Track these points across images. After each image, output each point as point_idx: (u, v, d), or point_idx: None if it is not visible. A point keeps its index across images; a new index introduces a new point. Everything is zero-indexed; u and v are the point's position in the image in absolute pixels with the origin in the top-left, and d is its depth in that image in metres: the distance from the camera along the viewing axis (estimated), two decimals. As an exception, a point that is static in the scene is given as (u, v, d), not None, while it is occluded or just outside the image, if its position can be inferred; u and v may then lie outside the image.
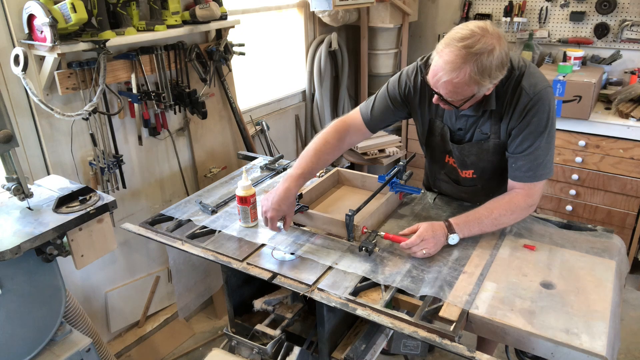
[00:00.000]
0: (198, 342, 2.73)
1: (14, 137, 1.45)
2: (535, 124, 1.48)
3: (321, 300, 1.37)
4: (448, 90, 1.41)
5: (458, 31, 1.36)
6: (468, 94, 1.41)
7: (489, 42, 1.33)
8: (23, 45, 1.88)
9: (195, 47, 2.42)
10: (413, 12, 3.65)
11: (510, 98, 1.50)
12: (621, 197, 2.93)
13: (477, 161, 1.66)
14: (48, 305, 1.61)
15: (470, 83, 1.36)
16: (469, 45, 1.32)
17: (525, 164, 1.53)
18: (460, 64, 1.33)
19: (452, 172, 1.79)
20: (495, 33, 1.35)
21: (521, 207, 1.56)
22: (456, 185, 1.81)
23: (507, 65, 1.41)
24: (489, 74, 1.35)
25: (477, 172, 1.70)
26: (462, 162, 1.69)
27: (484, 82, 1.37)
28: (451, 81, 1.37)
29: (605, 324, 1.23)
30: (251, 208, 1.70)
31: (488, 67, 1.34)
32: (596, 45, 3.27)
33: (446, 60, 1.35)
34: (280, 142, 3.39)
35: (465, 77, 1.34)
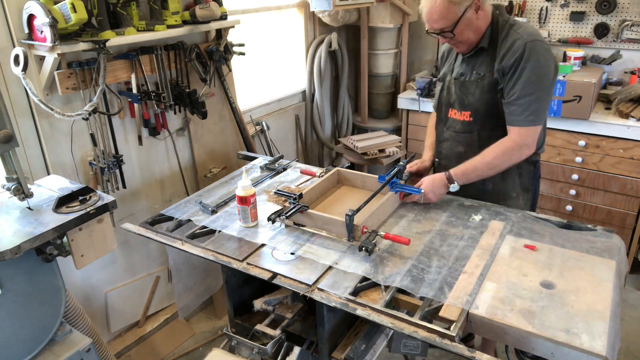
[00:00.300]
0: (198, 342, 2.73)
1: (14, 137, 1.45)
2: (529, 72, 1.67)
3: (321, 300, 1.37)
4: (436, 20, 1.71)
5: None
6: (452, 15, 1.70)
7: None
8: (23, 45, 1.88)
9: (195, 47, 2.42)
10: (413, 12, 3.65)
11: (503, 38, 1.74)
12: (621, 197, 2.93)
13: (473, 101, 1.84)
14: (48, 305, 1.61)
15: (448, 4, 1.67)
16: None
17: (517, 109, 1.71)
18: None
19: (452, 125, 1.95)
20: None
21: (512, 148, 1.74)
22: (456, 136, 1.94)
23: None
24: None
25: (473, 113, 1.86)
26: (461, 102, 1.88)
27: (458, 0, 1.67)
28: (433, 9, 1.70)
29: (605, 324, 1.23)
30: (251, 208, 1.70)
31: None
32: (596, 45, 3.27)
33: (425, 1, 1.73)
34: (280, 142, 3.39)
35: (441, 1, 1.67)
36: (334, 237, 1.64)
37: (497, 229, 1.67)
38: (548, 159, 3.09)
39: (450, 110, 1.94)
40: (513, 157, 1.76)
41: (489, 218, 1.74)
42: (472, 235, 1.64)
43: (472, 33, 1.76)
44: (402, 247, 1.56)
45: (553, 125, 2.99)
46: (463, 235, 1.64)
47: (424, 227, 1.70)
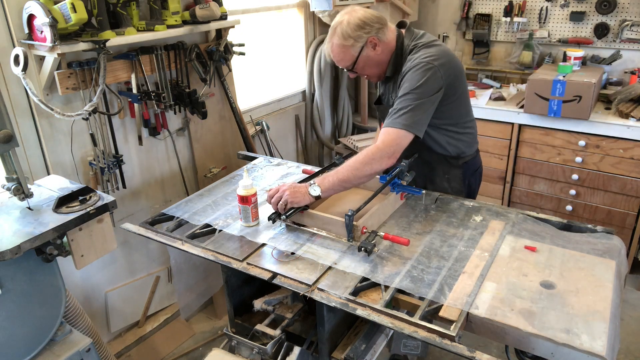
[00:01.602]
0: (198, 342, 2.73)
1: (14, 137, 1.45)
2: (410, 81, 1.73)
3: (321, 300, 1.37)
4: (337, 61, 1.84)
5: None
6: (349, 57, 1.81)
7: (339, 18, 1.79)
8: (23, 45, 1.88)
9: (195, 47, 2.42)
10: (413, 12, 3.65)
11: (404, 65, 1.81)
12: (621, 197, 2.93)
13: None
14: (48, 305, 1.61)
15: (341, 47, 1.79)
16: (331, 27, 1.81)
17: (391, 112, 1.75)
18: (329, 40, 1.82)
19: None
20: (348, 10, 1.80)
21: (373, 153, 1.69)
22: None
23: (370, 25, 1.77)
24: (348, 35, 1.76)
25: None
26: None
27: (348, 42, 1.77)
28: (333, 53, 1.83)
29: (605, 324, 1.23)
30: (252, 207, 1.70)
31: (345, 31, 1.76)
32: (596, 45, 3.27)
33: (326, 42, 1.85)
34: (280, 142, 3.39)
35: (334, 45, 1.80)
36: (334, 237, 1.64)
37: (497, 230, 1.67)
38: (548, 159, 3.09)
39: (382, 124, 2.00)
40: (374, 164, 1.68)
41: (489, 218, 1.74)
42: (472, 236, 1.64)
43: (375, 68, 1.86)
44: (402, 248, 1.56)
45: (553, 125, 2.99)
46: (463, 236, 1.64)
47: (424, 227, 1.70)
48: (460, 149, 1.95)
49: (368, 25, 1.76)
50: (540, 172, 3.16)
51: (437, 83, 1.71)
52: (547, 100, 2.90)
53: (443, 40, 3.85)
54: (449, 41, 3.87)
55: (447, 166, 1.97)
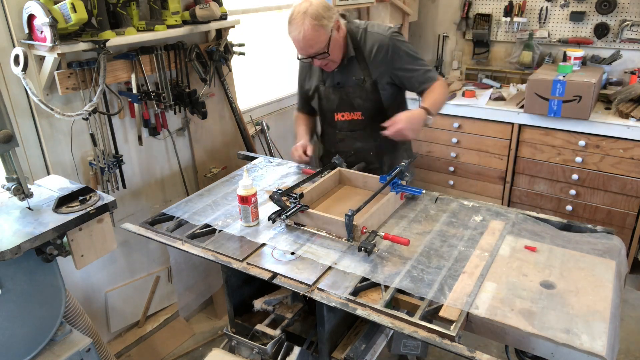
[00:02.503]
0: (198, 342, 2.73)
1: (14, 137, 1.45)
2: (406, 53, 2.00)
3: (321, 300, 1.37)
4: (311, 45, 1.86)
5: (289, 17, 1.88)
6: (323, 38, 1.86)
7: (302, 5, 1.85)
8: (23, 45, 1.88)
9: (195, 47, 2.42)
10: (413, 12, 3.65)
11: (364, 43, 1.99)
12: (621, 197, 2.93)
13: (362, 102, 2.06)
14: (48, 305, 1.61)
15: (316, 28, 1.82)
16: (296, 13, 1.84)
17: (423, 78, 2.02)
18: (300, 24, 1.82)
19: (344, 126, 2.15)
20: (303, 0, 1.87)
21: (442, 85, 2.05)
22: (351, 134, 2.16)
23: (332, 7, 1.89)
24: (321, 15, 1.82)
25: (364, 112, 2.08)
26: (350, 104, 2.08)
27: (323, 22, 1.83)
28: (305, 37, 1.83)
29: (605, 324, 1.23)
30: (252, 207, 1.70)
31: (316, 11, 1.82)
32: (596, 45, 3.27)
33: (293, 31, 1.86)
34: (280, 142, 3.39)
35: (309, 27, 1.81)
36: (333, 237, 1.64)
37: (497, 230, 1.67)
38: (548, 159, 3.09)
39: (337, 114, 2.13)
40: (446, 91, 2.07)
41: (489, 218, 1.74)
42: (472, 236, 1.64)
43: (339, 50, 1.96)
44: (402, 248, 1.56)
45: (553, 125, 2.99)
46: (463, 236, 1.64)
47: (424, 227, 1.70)
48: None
49: (332, 8, 1.90)
50: (540, 172, 3.16)
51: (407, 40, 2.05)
52: (547, 100, 2.90)
53: (443, 40, 3.85)
54: (449, 41, 3.87)
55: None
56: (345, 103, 2.09)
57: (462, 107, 3.24)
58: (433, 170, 3.62)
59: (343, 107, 2.10)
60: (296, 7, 1.87)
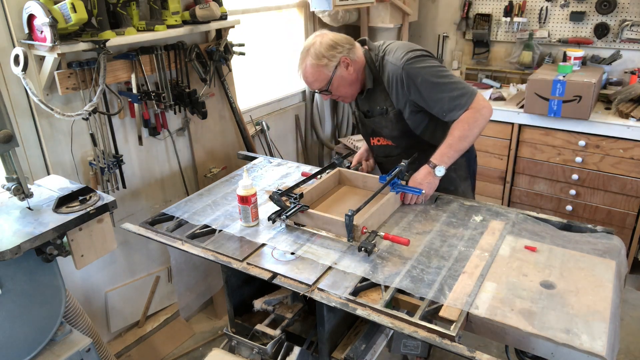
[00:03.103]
0: (198, 342, 2.73)
1: (14, 137, 1.45)
2: (425, 81, 1.79)
3: (321, 300, 1.37)
4: (311, 82, 1.87)
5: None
6: (324, 77, 1.85)
7: (310, 40, 1.85)
8: (23, 45, 1.88)
9: (195, 47, 2.42)
10: (413, 12, 3.65)
11: (382, 73, 1.90)
12: (621, 197, 2.93)
13: (389, 132, 2.01)
14: (48, 305, 1.61)
15: (317, 67, 1.82)
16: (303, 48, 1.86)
17: (449, 107, 1.80)
18: (302, 62, 1.85)
19: (380, 150, 2.12)
20: (319, 34, 1.86)
21: (474, 118, 1.79)
22: (386, 160, 2.14)
23: (341, 45, 1.83)
24: (322, 55, 1.80)
25: (393, 140, 2.03)
26: (380, 133, 2.05)
27: (322, 62, 1.81)
28: (305, 75, 1.86)
29: (605, 324, 1.23)
30: (252, 208, 1.70)
31: (318, 51, 1.80)
32: (596, 45, 3.27)
33: (298, 66, 1.88)
34: (280, 142, 3.39)
35: (308, 66, 1.83)
36: (333, 237, 1.64)
37: (497, 230, 1.67)
38: (548, 159, 3.09)
39: (372, 139, 2.11)
40: (478, 123, 1.79)
41: (489, 218, 1.74)
42: (472, 236, 1.64)
43: (349, 87, 1.90)
44: (402, 248, 1.56)
45: (553, 125, 2.99)
46: (463, 236, 1.64)
47: (424, 227, 1.70)
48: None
49: (339, 46, 1.83)
50: (540, 172, 3.16)
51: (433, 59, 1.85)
52: (547, 100, 2.90)
53: (443, 40, 3.85)
54: (449, 41, 3.87)
55: None
56: (376, 131, 2.05)
57: (462, 107, 3.24)
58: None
59: (376, 134, 2.07)
60: (307, 40, 1.87)
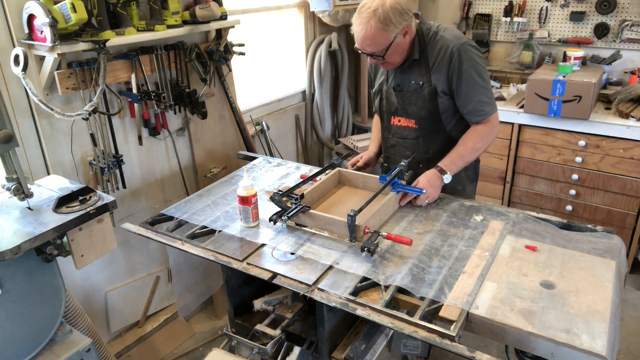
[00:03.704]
0: (198, 342, 2.73)
1: (14, 137, 1.45)
2: (470, 73, 1.80)
3: (321, 300, 1.37)
4: (369, 45, 1.77)
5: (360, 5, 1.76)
6: (384, 42, 1.76)
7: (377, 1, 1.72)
8: (23, 45, 1.88)
9: (195, 47, 2.42)
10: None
11: (432, 46, 1.85)
12: (621, 197, 2.93)
13: (417, 110, 1.94)
14: (48, 305, 1.61)
15: (380, 31, 1.72)
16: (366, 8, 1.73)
17: (475, 107, 1.84)
18: (366, 22, 1.72)
19: (398, 131, 2.04)
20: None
21: (487, 133, 1.87)
22: (402, 141, 2.05)
23: (407, 12, 1.76)
24: (390, 20, 1.72)
25: (418, 121, 1.96)
26: (405, 111, 1.98)
27: (389, 28, 1.73)
28: (366, 36, 1.75)
29: (605, 324, 1.23)
30: (252, 208, 1.70)
31: (386, 15, 1.71)
32: (596, 45, 3.27)
33: (357, 24, 1.76)
34: (280, 142, 3.39)
35: (373, 29, 1.72)
36: (335, 238, 1.64)
37: (497, 229, 1.67)
38: (548, 159, 3.09)
39: (393, 118, 2.04)
40: (489, 140, 1.88)
41: (490, 218, 1.74)
42: (472, 236, 1.64)
43: (399, 55, 1.85)
44: (403, 247, 1.56)
45: (553, 125, 2.99)
46: (463, 235, 1.64)
47: (424, 227, 1.70)
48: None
49: (406, 13, 1.77)
50: (540, 172, 3.16)
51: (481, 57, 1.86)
52: (547, 100, 2.90)
53: (443, 40, 3.85)
54: (449, 41, 3.87)
55: None
56: (402, 108, 1.98)
57: (462, 107, 3.24)
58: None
59: (400, 112, 1.99)
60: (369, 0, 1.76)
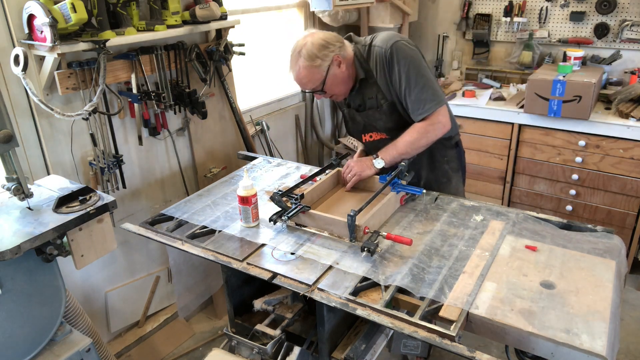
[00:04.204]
0: (198, 342, 2.73)
1: (14, 137, 1.45)
2: (405, 69, 1.80)
3: (321, 300, 1.37)
4: (304, 83, 1.86)
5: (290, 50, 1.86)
6: (318, 77, 1.82)
7: (301, 41, 1.82)
8: (23, 45, 1.88)
9: (195, 47, 2.42)
10: (413, 12, 3.65)
11: (372, 61, 1.87)
12: (621, 197, 2.93)
13: (383, 124, 1.98)
14: (48, 305, 1.61)
15: (310, 68, 1.80)
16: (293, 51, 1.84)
17: (415, 104, 1.84)
18: (294, 63, 1.83)
19: (372, 145, 2.06)
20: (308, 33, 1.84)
21: (426, 129, 1.85)
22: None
23: (332, 44, 1.81)
24: (315, 55, 1.78)
25: (388, 132, 1.99)
26: (373, 127, 2.01)
27: (316, 63, 1.79)
28: (299, 76, 1.84)
29: (605, 324, 1.23)
30: (252, 208, 1.70)
31: (310, 52, 1.78)
32: (596, 45, 3.27)
33: (290, 68, 1.87)
34: (280, 142, 3.39)
35: (302, 68, 1.81)
36: (334, 238, 1.64)
37: (497, 229, 1.67)
38: (548, 159, 3.09)
39: (364, 135, 2.07)
40: (429, 135, 1.86)
41: (490, 218, 1.74)
42: (472, 236, 1.64)
43: (342, 85, 1.88)
44: (403, 247, 1.56)
45: (553, 125, 2.99)
46: (463, 235, 1.64)
47: (424, 227, 1.70)
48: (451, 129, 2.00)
49: (331, 44, 1.81)
50: (540, 172, 3.16)
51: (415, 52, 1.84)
52: (547, 100, 2.90)
53: (443, 40, 3.85)
54: (449, 41, 3.87)
55: (444, 149, 2.05)
56: (369, 125, 2.02)
57: (462, 107, 3.24)
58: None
59: (369, 128, 2.03)
60: (297, 41, 1.84)
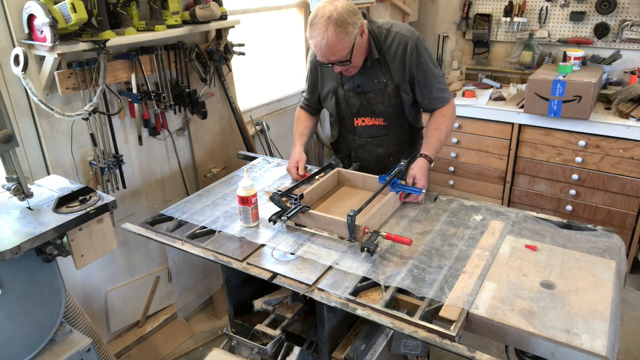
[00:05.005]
0: (198, 342, 2.73)
1: (14, 137, 1.45)
2: (428, 64, 1.91)
3: (321, 300, 1.37)
4: (333, 53, 1.75)
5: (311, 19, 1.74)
6: (347, 45, 1.75)
7: (328, 7, 1.71)
8: (23, 45, 1.88)
9: (195, 47, 2.42)
10: (413, 12, 3.65)
11: (388, 45, 1.90)
12: (621, 197, 2.93)
13: (384, 108, 1.98)
14: (48, 305, 1.61)
15: (341, 35, 1.71)
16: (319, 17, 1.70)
17: (437, 94, 1.95)
18: (324, 30, 1.69)
19: (364, 131, 2.07)
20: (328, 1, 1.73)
21: (452, 115, 1.99)
22: (372, 140, 2.09)
23: (358, 12, 1.78)
24: (347, 21, 1.71)
25: (387, 118, 2.01)
26: (371, 111, 2.00)
27: (348, 30, 1.71)
28: (328, 44, 1.71)
29: (605, 324, 1.23)
30: (252, 208, 1.70)
31: (341, 17, 1.69)
32: (596, 45, 3.27)
33: (315, 36, 1.73)
34: (280, 142, 3.39)
35: (334, 35, 1.70)
36: (334, 238, 1.64)
37: (497, 229, 1.67)
38: (548, 159, 3.09)
39: (356, 119, 2.05)
40: (454, 121, 2.02)
41: (490, 218, 1.74)
42: (472, 235, 1.64)
43: (361, 56, 1.86)
44: (403, 247, 1.56)
45: (553, 125, 2.99)
46: (463, 235, 1.64)
47: (424, 227, 1.70)
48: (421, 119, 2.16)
49: (358, 12, 1.79)
50: (540, 172, 3.16)
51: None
52: (547, 100, 2.90)
53: (443, 40, 3.85)
54: (449, 41, 3.87)
55: (419, 138, 2.15)
56: (366, 108, 1.99)
57: (462, 107, 3.24)
58: (433, 170, 3.63)
59: (364, 113, 2.01)
60: (319, 9, 1.73)
